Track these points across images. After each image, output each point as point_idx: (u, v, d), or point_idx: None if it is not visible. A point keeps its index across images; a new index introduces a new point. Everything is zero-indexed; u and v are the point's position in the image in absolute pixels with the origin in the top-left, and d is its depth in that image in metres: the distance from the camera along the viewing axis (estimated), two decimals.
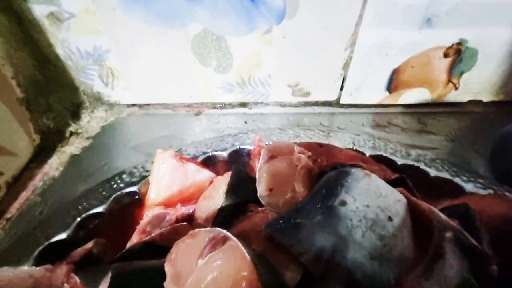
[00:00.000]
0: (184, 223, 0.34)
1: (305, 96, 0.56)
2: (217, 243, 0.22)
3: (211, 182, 0.41)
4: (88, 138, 0.52)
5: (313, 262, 0.22)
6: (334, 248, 0.22)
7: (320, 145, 0.43)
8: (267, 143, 0.45)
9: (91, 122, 0.55)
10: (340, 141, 0.45)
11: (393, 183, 0.34)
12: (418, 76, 0.53)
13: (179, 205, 0.37)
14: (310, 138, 0.46)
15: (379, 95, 0.55)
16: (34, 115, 0.47)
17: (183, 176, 0.40)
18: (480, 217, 0.28)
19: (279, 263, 0.22)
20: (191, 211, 0.36)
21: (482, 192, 0.37)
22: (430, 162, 0.41)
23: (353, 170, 0.28)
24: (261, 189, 0.34)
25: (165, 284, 0.20)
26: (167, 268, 0.21)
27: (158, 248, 0.29)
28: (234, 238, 0.21)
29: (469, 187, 0.38)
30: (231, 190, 0.33)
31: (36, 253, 0.31)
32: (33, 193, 0.43)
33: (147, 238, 0.31)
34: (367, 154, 0.44)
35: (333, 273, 0.21)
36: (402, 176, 0.34)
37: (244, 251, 0.20)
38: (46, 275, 0.26)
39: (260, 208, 0.31)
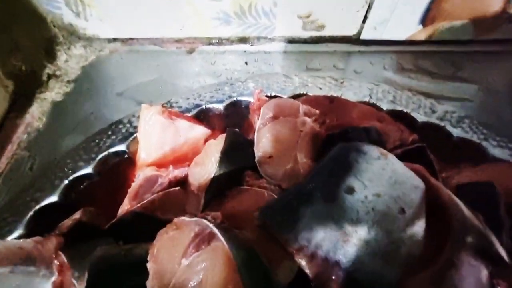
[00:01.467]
0: (177, 188, 0.32)
1: (318, 30, 0.46)
2: (202, 241, 0.20)
3: (206, 140, 0.37)
4: (68, 82, 0.46)
5: (309, 260, 0.20)
6: (334, 245, 0.20)
7: (331, 99, 0.37)
8: (268, 94, 0.40)
9: (69, 61, 0.48)
10: (355, 92, 0.39)
11: (410, 153, 0.30)
12: (464, 4, 0.41)
13: (171, 168, 0.34)
14: (320, 88, 0.39)
15: (409, 30, 0.45)
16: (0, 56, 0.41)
17: (175, 134, 0.36)
18: (503, 189, 0.25)
19: (272, 258, 0.20)
20: (184, 174, 0.34)
21: (511, 159, 0.33)
22: (456, 122, 0.36)
23: (367, 148, 0.23)
24: (260, 154, 0.30)
25: (147, 282, 0.19)
26: (150, 265, 0.20)
27: (149, 218, 0.28)
28: (221, 237, 0.19)
29: (496, 152, 0.34)
30: (225, 158, 0.29)
31: (27, 217, 0.30)
32: (19, 147, 0.40)
33: (138, 205, 0.30)
34: (385, 109, 0.38)
35: (330, 272, 0.19)
36: (423, 146, 0.29)
37: (231, 256, 0.18)
38: (37, 247, 0.26)
39: (256, 180, 0.28)
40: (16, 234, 0.30)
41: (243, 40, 0.48)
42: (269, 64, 0.47)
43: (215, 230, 0.19)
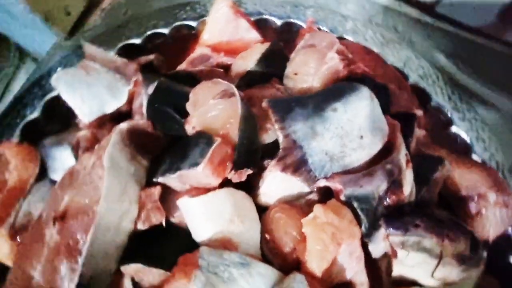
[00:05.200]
0: (221, 70, 0.42)
1: None
2: (226, 94, 0.30)
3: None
4: None
5: (284, 137, 0.30)
6: (304, 136, 0.30)
7: (369, 52, 0.41)
8: (320, 27, 0.45)
9: None
10: (394, 56, 0.43)
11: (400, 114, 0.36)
12: None
13: (222, 54, 0.43)
14: (366, 40, 0.43)
15: None
16: None
17: (234, 29, 0.44)
18: None
19: (262, 127, 0.30)
20: (230, 63, 0.43)
21: None
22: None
23: (362, 88, 0.30)
24: (289, 69, 0.38)
25: (187, 104, 0.31)
26: (191, 95, 0.31)
27: (196, 80, 0.39)
28: (238, 97, 0.29)
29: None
30: (263, 59, 0.38)
31: (119, 46, 0.43)
32: None
33: (191, 69, 0.40)
34: (411, 81, 0.42)
35: (293, 150, 0.29)
36: (413, 115, 0.36)
37: (240, 107, 0.28)
38: (123, 64, 0.39)
39: (278, 85, 0.37)
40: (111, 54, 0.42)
41: None
42: (338, 2, 0.50)
43: (236, 92, 0.29)
